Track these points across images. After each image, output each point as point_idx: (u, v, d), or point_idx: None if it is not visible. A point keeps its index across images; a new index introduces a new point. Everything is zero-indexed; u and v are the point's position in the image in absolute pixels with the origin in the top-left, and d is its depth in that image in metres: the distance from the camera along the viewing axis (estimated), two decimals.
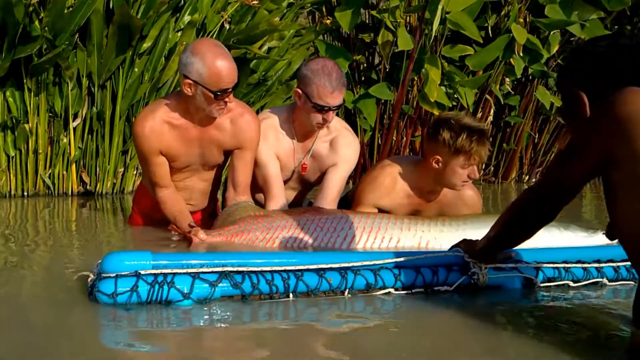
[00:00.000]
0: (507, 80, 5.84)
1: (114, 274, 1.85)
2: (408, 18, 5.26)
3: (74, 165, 4.54)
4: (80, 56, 4.30)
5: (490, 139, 5.92)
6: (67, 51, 4.21)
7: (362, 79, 5.70)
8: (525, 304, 2.05)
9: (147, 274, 1.86)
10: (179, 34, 4.50)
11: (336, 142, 3.11)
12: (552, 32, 5.60)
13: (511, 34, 5.30)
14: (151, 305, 1.84)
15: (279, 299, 1.95)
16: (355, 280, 2.01)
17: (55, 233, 3.28)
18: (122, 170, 4.70)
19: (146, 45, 4.42)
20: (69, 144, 4.47)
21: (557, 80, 1.75)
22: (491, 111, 5.86)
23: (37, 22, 4.03)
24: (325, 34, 5.68)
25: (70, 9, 4.10)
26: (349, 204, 3.09)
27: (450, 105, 5.32)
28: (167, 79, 4.53)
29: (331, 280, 1.98)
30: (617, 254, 2.27)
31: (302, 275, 1.97)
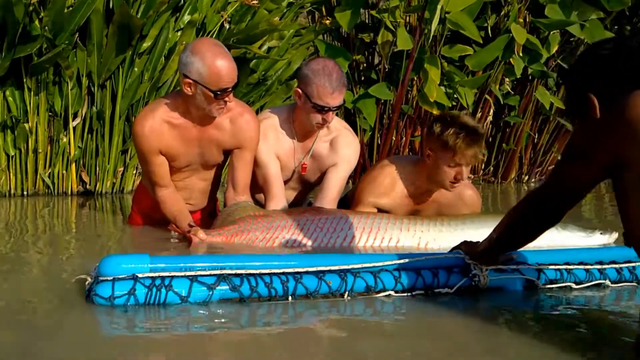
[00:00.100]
0: (506, 80, 5.84)
1: (112, 277, 1.85)
2: (408, 18, 5.26)
3: (73, 165, 4.54)
4: (80, 56, 4.30)
5: (490, 140, 6.01)
6: (67, 51, 4.21)
7: (361, 78, 5.69)
8: (526, 306, 2.04)
9: (145, 277, 1.85)
10: (179, 33, 4.50)
11: (336, 142, 3.11)
12: (551, 32, 5.60)
13: (511, 34, 5.30)
14: (149, 307, 1.84)
15: (278, 300, 1.94)
16: (354, 282, 2.00)
17: (54, 233, 3.28)
18: (121, 169, 4.70)
19: (146, 44, 4.42)
20: (69, 144, 4.47)
21: (565, 82, 1.74)
22: (491, 111, 5.86)
23: (37, 22, 4.03)
24: (325, 34, 5.68)
25: (70, 9, 4.10)
26: (349, 204, 3.09)
27: (450, 105, 5.32)
28: (167, 78, 4.53)
29: (330, 283, 1.97)
30: (619, 255, 2.26)
31: (301, 278, 1.96)
